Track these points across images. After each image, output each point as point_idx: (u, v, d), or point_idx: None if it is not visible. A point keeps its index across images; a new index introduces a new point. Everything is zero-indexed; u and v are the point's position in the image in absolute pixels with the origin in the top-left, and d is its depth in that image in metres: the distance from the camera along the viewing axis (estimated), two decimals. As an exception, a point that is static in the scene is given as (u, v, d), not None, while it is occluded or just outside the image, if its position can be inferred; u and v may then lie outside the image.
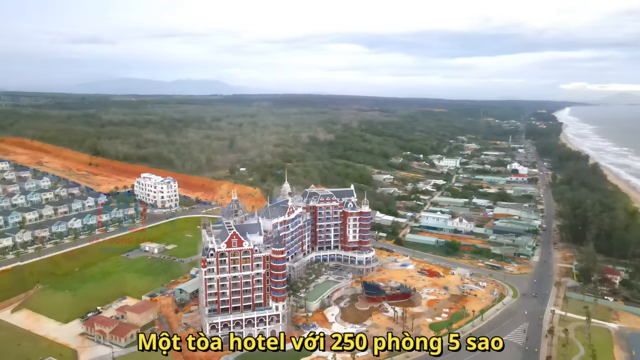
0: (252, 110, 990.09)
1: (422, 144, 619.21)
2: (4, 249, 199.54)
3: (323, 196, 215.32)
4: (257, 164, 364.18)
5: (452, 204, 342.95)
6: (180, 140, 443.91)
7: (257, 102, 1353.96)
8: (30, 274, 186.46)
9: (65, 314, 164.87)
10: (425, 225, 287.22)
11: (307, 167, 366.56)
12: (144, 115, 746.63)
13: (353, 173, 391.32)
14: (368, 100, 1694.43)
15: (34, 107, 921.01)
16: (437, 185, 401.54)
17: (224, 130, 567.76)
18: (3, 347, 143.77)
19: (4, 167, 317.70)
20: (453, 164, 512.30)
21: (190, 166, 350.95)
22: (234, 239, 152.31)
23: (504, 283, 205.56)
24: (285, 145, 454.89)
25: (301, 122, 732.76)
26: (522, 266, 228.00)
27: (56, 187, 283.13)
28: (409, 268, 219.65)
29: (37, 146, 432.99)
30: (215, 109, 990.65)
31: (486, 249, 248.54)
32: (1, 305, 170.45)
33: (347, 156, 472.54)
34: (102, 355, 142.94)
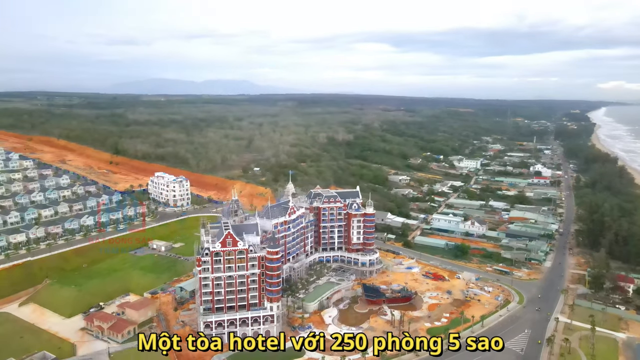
0: (276, 110, 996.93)
1: (443, 144, 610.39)
2: (17, 244, 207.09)
3: (327, 197, 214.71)
4: (271, 163, 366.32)
5: (468, 206, 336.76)
6: (199, 140, 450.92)
7: (282, 102, 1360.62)
8: (40, 269, 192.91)
9: (69, 308, 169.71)
10: (436, 227, 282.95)
11: (320, 167, 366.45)
12: (169, 115, 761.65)
13: (368, 174, 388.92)
14: (394, 100, 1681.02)
15: (67, 107, 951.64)
16: (454, 187, 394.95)
17: (244, 130, 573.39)
18: (5, 340, 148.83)
19: (28, 164, 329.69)
20: (473, 165, 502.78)
21: (205, 165, 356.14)
22: (228, 238, 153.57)
23: (510, 289, 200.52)
24: (301, 145, 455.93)
25: (322, 122, 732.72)
26: (533, 272, 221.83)
27: (74, 184, 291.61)
28: (414, 271, 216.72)
29: (62, 145, 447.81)
30: (240, 109, 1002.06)
31: (497, 253, 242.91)
32: (10, 299, 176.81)
33: (364, 157, 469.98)
34: (99, 350, 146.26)
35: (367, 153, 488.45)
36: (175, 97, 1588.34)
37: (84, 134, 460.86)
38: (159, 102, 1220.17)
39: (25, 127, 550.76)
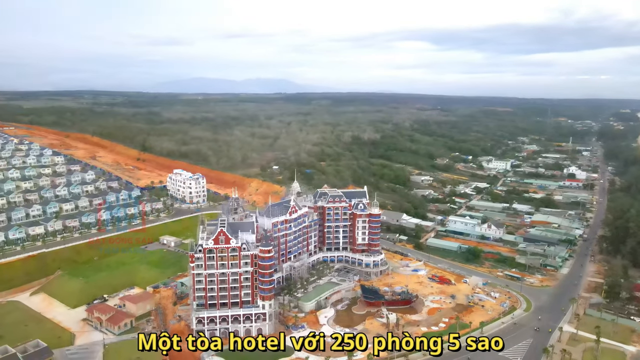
0: (308, 109, 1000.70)
1: (473, 145, 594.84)
2: (35, 236, 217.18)
3: (332, 196, 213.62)
4: (291, 162, 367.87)
5: (489, 209, 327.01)
6: (224, 138, 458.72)
7: (317, 100, 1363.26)
8: (53, 260, 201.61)
9: (74, 299, 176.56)
10: (451, 230, 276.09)
11: (340, 166, 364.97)
12: (202, 113, 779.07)
13: (389, 174, 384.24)
14: (431, 99, 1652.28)
15: (109, 105, 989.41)
16: (478, 189, 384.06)
17: (272, 128, 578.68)
18: (11, 327, 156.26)
19: (59, 160, 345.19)
20: (503, 166, 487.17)
21: (225, 163, 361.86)
22: (221, 236, 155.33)
23: (519, 295, 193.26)
24: (324, 144, 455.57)
25: (352, 120, 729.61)
26: (546, 278, 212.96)
27: (97, 180, 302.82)
28: (420, 273, 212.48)
29: (95, 141, 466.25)
30: (273, 107, 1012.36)
31: (511, 258, 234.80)
32: (23, 288, 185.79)
33: (388, 156, 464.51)
34: (96, 341, 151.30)
35: (392, 153, 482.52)
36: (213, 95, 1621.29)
37: (116, 132, 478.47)
38: (196, 100, 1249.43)
39: (67, 124, 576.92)
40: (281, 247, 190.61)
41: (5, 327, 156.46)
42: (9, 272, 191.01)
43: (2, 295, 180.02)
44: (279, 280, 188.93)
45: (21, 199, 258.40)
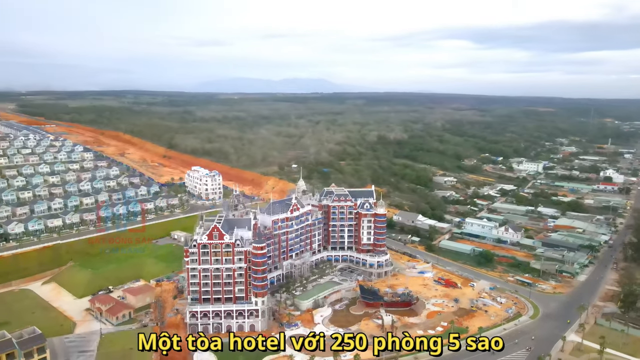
0: (341, 108, 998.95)
1: (506, 145, 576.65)
2: (53, 228, 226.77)
3: (337, 195, 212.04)
4: (310, 161, 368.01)
5: (512, 212, 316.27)
6: (249, 137, 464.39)
7: (351, 100, 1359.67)
8: (67, 252, 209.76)
9: (81, 290, 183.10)
10: (467, 232, 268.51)
11: (359, 166, 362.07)
12: (234, 112, 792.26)
13: (411, 174, 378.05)
14: (470, 99, 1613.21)
15: (148, 105, 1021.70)
16: (503, 191, 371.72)
17: (300, 127, 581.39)
18: (18, 314, 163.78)
19: (88, 156, 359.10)
20: (534, 168, 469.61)
21: (245, 161, 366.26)
22: (215, 232, 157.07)
23: (527, 301, 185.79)
24: (348, 143, 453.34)
25: (383, 120, 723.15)
26: (561, 285, 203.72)
27: (119, 176, 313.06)
28: (426, 276, 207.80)
29: (127, 139, 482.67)
30: (306, 107, 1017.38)
31: (526, 263, 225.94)
32: (36, 277, 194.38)
33: (413, 156, 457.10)
34: (94, 330, 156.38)
35: (418, 153, 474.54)
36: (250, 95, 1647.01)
37: (146, 130, 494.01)
38: (231, 100, 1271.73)
39: (103, 122, 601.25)
40: (282, 245, 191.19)
41: (13, 314, 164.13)
42: (24, 261, 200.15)
43: (15, 284, 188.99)
44: (279, 278, 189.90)
45: (46, 192, 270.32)
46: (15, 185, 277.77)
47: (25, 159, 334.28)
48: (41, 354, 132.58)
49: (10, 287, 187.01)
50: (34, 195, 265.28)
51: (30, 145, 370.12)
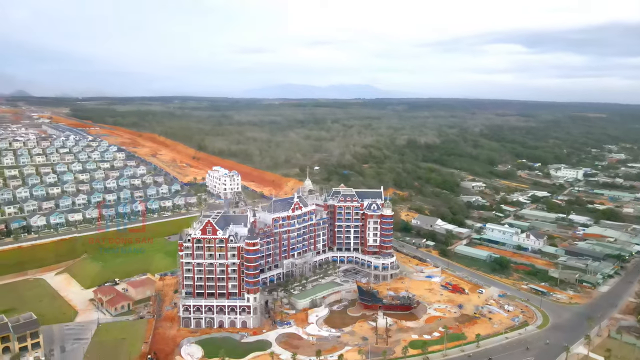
0: (380, 114, 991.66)
1: (546, 151, 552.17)
2: (73, 222, 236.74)
3: (344, 195, 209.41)
4: (333, 163, 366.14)
5: (540, 219, 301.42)
6: (277, 139, 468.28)
7: (392, 105, 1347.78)
8: (82, 244, 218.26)
9: (89, 281, 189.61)
10: (487, 238, 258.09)
11: (382, 169, 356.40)
12: (271, 116, 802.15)
13: (436, 178, 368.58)
14: (518, 105, 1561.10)
15: (190, 109, 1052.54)
16: (535, 198, 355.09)
17: (331, 131, 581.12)
18: (27, 301, 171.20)
19: (119, 156, 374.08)
20: (573, 175, 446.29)
21: (268, 162, 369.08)
22: (208, 227, 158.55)
23: (538, 311, 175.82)
24: (375, 147, 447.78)
25: (419, 125, 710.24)
26: (579, 295, 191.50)
27: (144, 175, 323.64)
28: (434, 280, 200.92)
29: (161, 141, 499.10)
30: (344, 112, 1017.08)
31: (544, 271, 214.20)
32: (51, 268, 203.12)
33: (442, 161, 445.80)
34: (93, 319, 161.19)
35: (449, 157, 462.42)
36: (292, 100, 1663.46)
37: (179, 132, 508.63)
38: (273, 105, 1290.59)
39: (144, 125, 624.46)
40: (283, 243, 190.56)
41: (22, 301, 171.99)
42: (42, 252, 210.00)
43: (31, 273, 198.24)
44: (279, 277, 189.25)
45: (74, 188, 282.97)
46: (47, 181, 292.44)
47: (61, 158, 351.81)
48: (34, 338, 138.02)
49: (25, 276, 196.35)
50: (62, 191, 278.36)
51: (69, 145, 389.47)
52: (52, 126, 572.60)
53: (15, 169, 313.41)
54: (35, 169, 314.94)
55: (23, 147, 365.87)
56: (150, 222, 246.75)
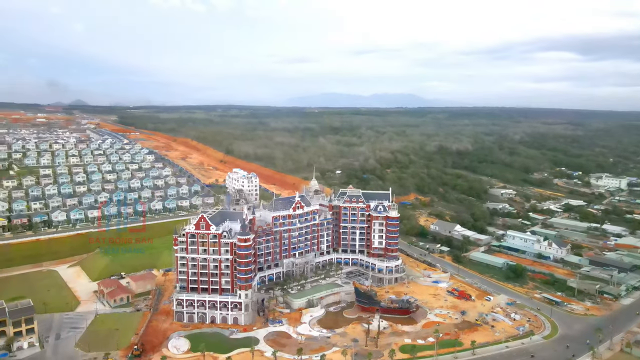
0: (418, 122, 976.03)
1: (589, 160, 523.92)
2: (92, 218, 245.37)
3: (349, 196, 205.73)
4: (355, 167, 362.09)
5: (571, 228, 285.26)
6: (305, 145, 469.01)
7: (433, 114, 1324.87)
8: (97, 239, 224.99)
9: (97, 274, 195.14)
10: (506, 245, 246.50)
11: (404, 174, 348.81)
12: (307, 124, 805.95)
13: (462, 184, 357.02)
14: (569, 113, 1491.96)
15: (230, 117, 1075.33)
16: (569, 206, 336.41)
17: (363, 137, 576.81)
18: (36, 291, 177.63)
19: (149, 158, 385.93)
20: (616, 184, 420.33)
21: (290, 166, 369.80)
22: (202, 222, 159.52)
23: (548, 321, 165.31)
24: (402, 152, 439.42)
25: (456, 132, 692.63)
26: (597, 307, 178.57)
27: (168, 176, 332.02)
28: (440, 285, 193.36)
29: (193, 145, 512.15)
30: (382, 120, 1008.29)
31: (563, 281, 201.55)
32: (65, 261, 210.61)
33: (473, 167, 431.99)
34: (92, 310, 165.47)
35: (481, 164, 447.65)
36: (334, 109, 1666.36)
37: (211, 137, 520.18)
38: (312, 112, 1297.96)
39: (180, 130, 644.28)
40: (283, 242, 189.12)
41: (32, 290, 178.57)
42: (58, 245, 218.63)
43: (46, 265, 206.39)
44: (278, 276, 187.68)
45: (99, 187, 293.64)
46: (76, 180, 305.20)
47: (94, 159, 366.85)
48: (29, 324, 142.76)
49: (40, 267, 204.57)
50: (88, 189, 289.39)
51: (103, 148, 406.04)
52: (95, 131, 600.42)
53: (49, 169, 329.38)
54: (68, 169, 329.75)
55: (61, 149, 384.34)
56: (166, 220, 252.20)
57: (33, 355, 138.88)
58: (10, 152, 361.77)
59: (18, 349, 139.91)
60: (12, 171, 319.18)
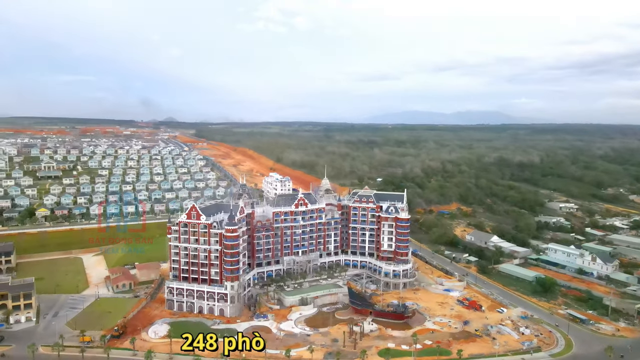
0: (490, 137, 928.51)
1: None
2: (127, 213, 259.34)
3: (360, 196, 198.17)
4: (398, 176, 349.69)
5: (632, 245, 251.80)
6: (355, 154, 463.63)
7: (514, 130, 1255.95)
8: (124, 232, 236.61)
9: (114, 262, 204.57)
10: (544, 259, 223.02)
11: (448, 183, 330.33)
12: (373, 137, 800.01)
13: (515, 196, 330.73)
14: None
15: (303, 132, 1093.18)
16: (638, 223, 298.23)
17: (422, 149, 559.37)
18: (56, 275, 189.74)
19: (201, 163, 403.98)
20: None
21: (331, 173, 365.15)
22: (193, 211, 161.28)
23: (564, 338, 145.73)
24: (454, 163, 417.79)
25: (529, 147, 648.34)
26: (630, 328, 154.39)
27: (209, 179, 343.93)
28: (452, 294, 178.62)
29: (249, 154, 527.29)
30: (455, 135, 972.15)
31: (599, 298, 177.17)
32: (92, 250, 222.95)
33: (534, 180, 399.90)
34: (94, 294, 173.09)
35: (544, 178, 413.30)
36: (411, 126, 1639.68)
37: (266, 146, 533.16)
38: (384, 128, 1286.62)
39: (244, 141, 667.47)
40: (285, 239, 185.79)
41: (52, 273, 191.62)
42: (89, 235, 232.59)
43: (74, 252, 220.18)
44: (278, 272, 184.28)
45: (144, 187, 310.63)
46: (126, 180, 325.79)
47: (150, 163, 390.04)
48: (27, 299, 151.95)
49: (69, 255, 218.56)
50: (133, 188, 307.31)
51: (162, 154, 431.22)
52: (166, 141, 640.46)
53: (106, 170, 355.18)
54: (123, 171, 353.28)
55: (124, 154, 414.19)
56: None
57: (27, 328, 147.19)
58: (79, 156, 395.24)
59: (16, 322, 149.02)
60: (75, 171, 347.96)
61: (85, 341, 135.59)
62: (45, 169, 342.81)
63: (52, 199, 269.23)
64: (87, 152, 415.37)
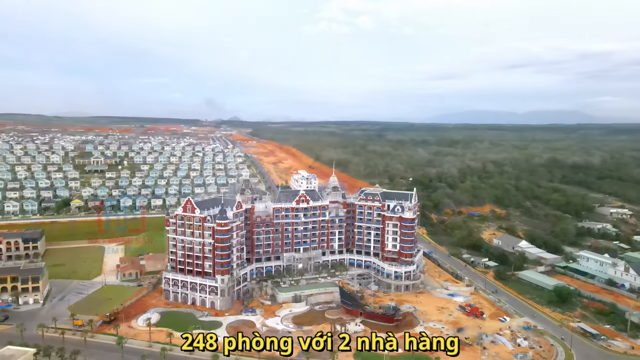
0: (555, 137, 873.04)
1: None
2: (153, 206, 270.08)
3: (366, 194, 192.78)
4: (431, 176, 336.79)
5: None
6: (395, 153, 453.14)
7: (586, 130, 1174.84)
8: (148, 224, 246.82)
9: (130, 252, 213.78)
10: (573, 267, 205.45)
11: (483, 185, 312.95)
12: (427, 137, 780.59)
13: (559, 200, 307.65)
14: None
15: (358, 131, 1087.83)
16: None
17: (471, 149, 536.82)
18: (75, 261, 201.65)
19: (239, 160, 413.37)
20: None
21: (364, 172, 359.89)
22: (188, 205, 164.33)
23: (565, 352, 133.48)
24: (496, 163, 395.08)
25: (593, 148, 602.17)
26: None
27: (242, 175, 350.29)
28: (455, 299, 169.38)
29: (292, 152, 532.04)
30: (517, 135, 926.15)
31: (623, 312, 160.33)
32: (115, 240, 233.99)
33: (587, 183, 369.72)
34: (101, 280, 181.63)
35: (600, 180, 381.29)
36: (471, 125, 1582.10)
37: (308, 145, 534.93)
38: (442, 127, 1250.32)
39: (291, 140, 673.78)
40: (286, 236, 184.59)
41: (72, 260, 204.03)
42: (116, 225, 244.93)
43: (99, 242, 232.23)
44: (277, 269, 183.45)
45: (178, 181, 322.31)
46: (164, 175, 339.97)
47: (190, 159, 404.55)
48: (35, 282, 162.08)
49: (94, 244, 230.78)
50: (167, 182, 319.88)
51: (206, 150, 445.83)
52: (217, 139, 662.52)
53: (148, 165, 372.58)
54: (163, 166, 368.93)
55: (169, 151, 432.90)
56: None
57: (33, 310, 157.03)
58: (128, 152, 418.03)
59: (24, 303, 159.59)
60: (120, 166, 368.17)
61: (76, 325, 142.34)
62: (93, 164, 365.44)
63: (90, 191, 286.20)
64: (135, 148, 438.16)
